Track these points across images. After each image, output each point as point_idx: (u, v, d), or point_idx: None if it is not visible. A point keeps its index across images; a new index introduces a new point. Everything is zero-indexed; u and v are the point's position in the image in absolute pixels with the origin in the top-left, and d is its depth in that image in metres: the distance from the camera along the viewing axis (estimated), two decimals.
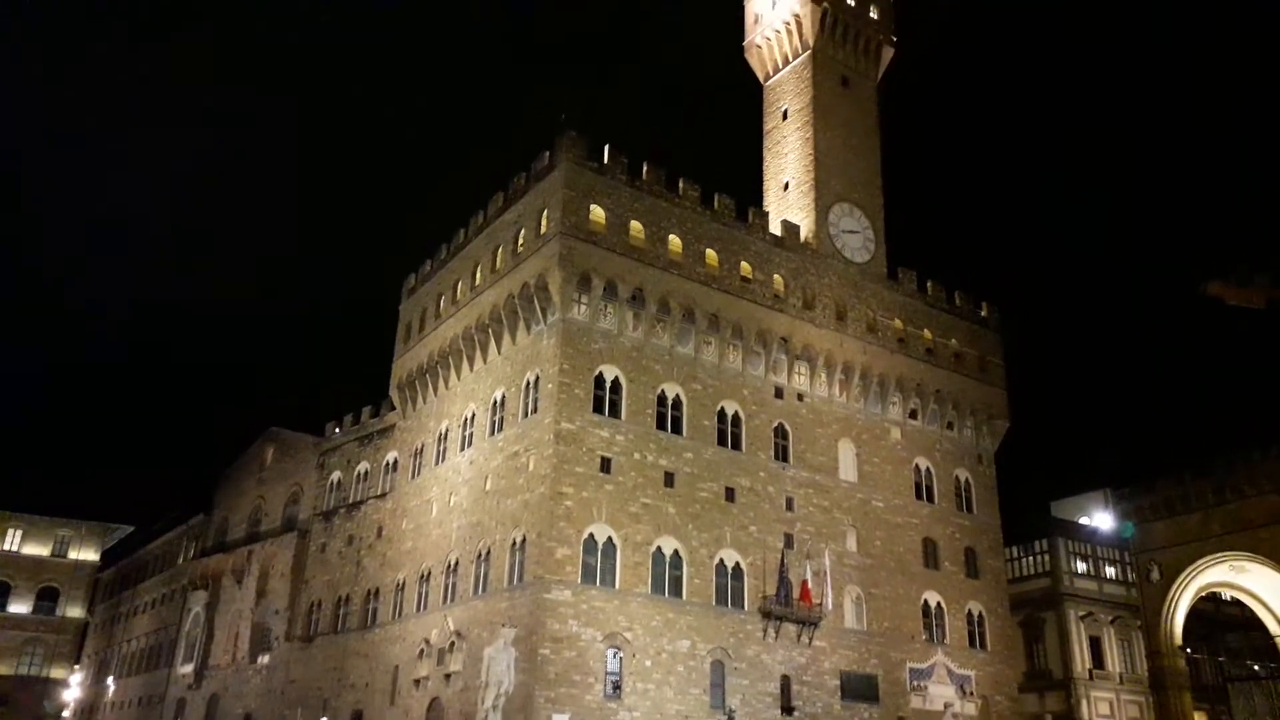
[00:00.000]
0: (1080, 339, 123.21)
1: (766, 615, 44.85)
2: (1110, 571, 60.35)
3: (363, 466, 59.37)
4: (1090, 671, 56.64)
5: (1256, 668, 56.19)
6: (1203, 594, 51.82)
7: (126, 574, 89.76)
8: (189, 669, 66.36)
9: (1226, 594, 54.01)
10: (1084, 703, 55.45)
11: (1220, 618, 57.97)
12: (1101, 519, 62.80)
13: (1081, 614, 57.77)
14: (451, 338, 51.85)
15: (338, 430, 62.39)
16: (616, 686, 40.35)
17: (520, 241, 47.50)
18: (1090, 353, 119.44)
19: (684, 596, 43.39)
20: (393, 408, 58.22)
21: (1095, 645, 57.70)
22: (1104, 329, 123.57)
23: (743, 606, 44.86)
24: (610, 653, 40.63)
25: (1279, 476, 45.27)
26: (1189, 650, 50.95)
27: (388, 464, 57.46)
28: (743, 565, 45.55)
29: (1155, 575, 50.48)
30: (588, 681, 39.50)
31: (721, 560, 45.12)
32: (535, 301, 45.17)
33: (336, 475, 60.88)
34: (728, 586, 44.92)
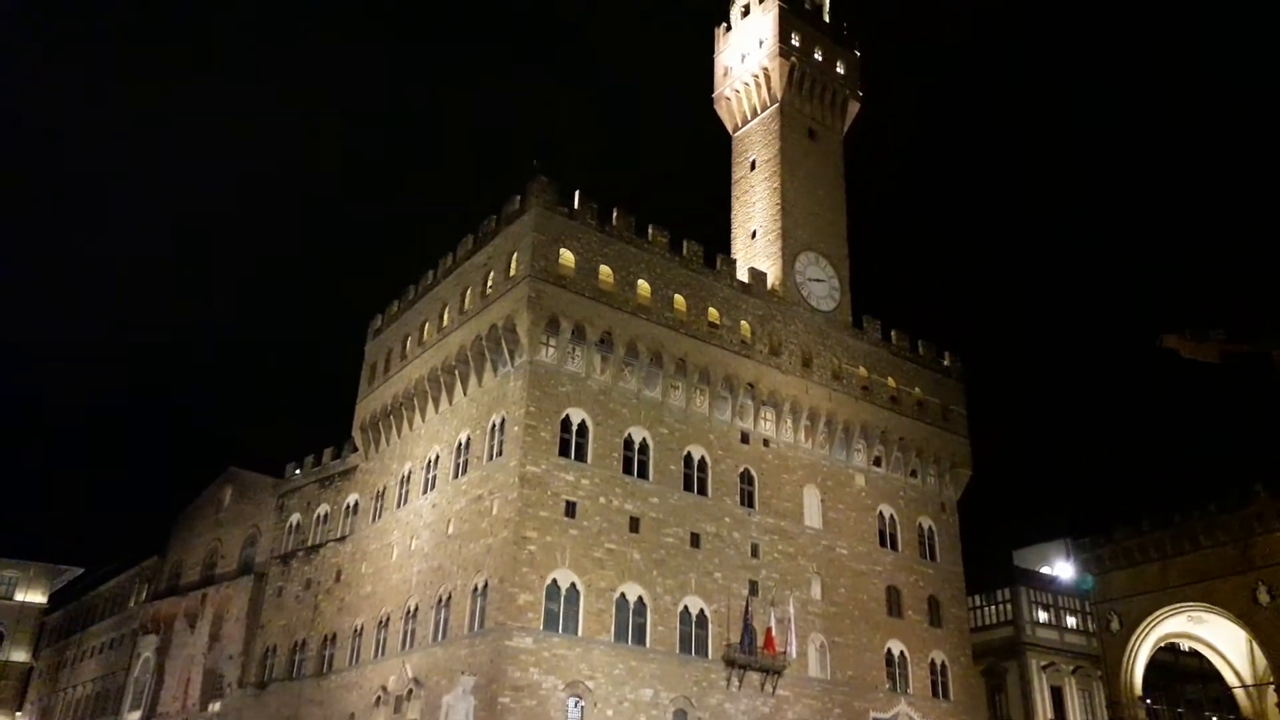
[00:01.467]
0: (1042, 390, 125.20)
1: (730, 663, 44.46)
2: (1071, 621, 60.68)
3: (323, 509, 58.44)
4: None
5: (1214, 719, 56.52)
6: (1162, 644, 52.24)
7: (74, 617, 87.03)
8: (136, 716, 64.26)
9: (1185, 644, 54.47)
10: None
11: (1179, 668, 58.38)
12: (1062, 568, 63.32)
13: (1043, 663, 57.93)
14: (417, 379, 51.52)
15: (298, 471, 61.47)
16: None
17: (489, 284, 47.54)
18: (1052, 404, 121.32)
19: (647, 644, 42.95)
20: (355, 449, 57.52)
21: (1057, 695, 57.80)
22: (1066, 381, 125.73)
23: (706, 654, 44.46)
24: (571, 702, 39.99)
25: (1234, 529, 45.99)
26: (1148, 701, 51.20)
27: (348, 506, 56.61)
28: (707, 612, 45.23)
29: (1115, 625, 50.85)
30: None
31: (686, 607, 44.78)
32: (503, 344, 45.11)
33: (296, 517, 59.83)
34: (691, 634, 44.54)
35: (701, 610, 45.13)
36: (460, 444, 47.49)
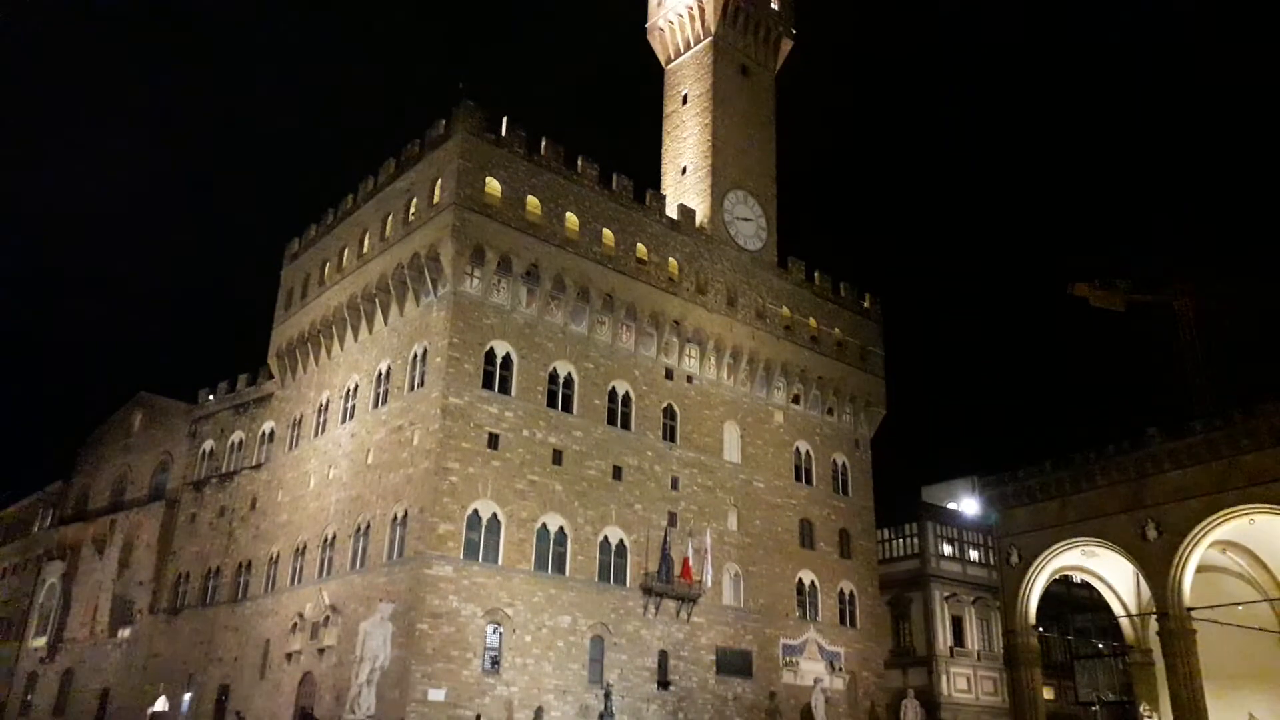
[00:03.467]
0: (957, 334, 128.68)
1: (648, 591, 45.51)
2: (974, 554, 63.46)
3: (237, 436, 57.30)
4: (951, 649, 59.56)
5: (1100, 646, 60.20)
6: (1056, 576, 55.06)
7: None
8: (42, 642, 62.97)
9: (1078, 577, 57.53)
10: (944, 678, 58.34)
11: (1071, 599, 61.77)
12: (968, 504, 66.09)
13: (946, 594, 60.62)
14: (335, 306, 50.42)
15: (211, 398, 60.00)
16: (495, 661, 40.32)
17: (412, 210, 46.47)
18: (965, 347, 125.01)
19: (567, 573, 43.61)
20: (271, 376, 56.31)
21: (957, 624, 60.68)
22: (979, 326, 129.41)
23: (625, 583, 45.39)
24: (490, 628, 40.53)
25: (1129, 470, 48.37)
26: (1041, 629, 54.10)
27: (264, 434, 55.62)
28: (627, 542, 46.05)
29: (1015, 558, 53.36)
30: (466, 657, 39.33)
31: (606, 537, 45.51)
32: (426, 273, 44.32)
33: (209, 444, 58.59)
34: (611, 563, 45.36)
35: (621, 540, 45.91)
36: (380, 373, 46.84)
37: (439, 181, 44.93)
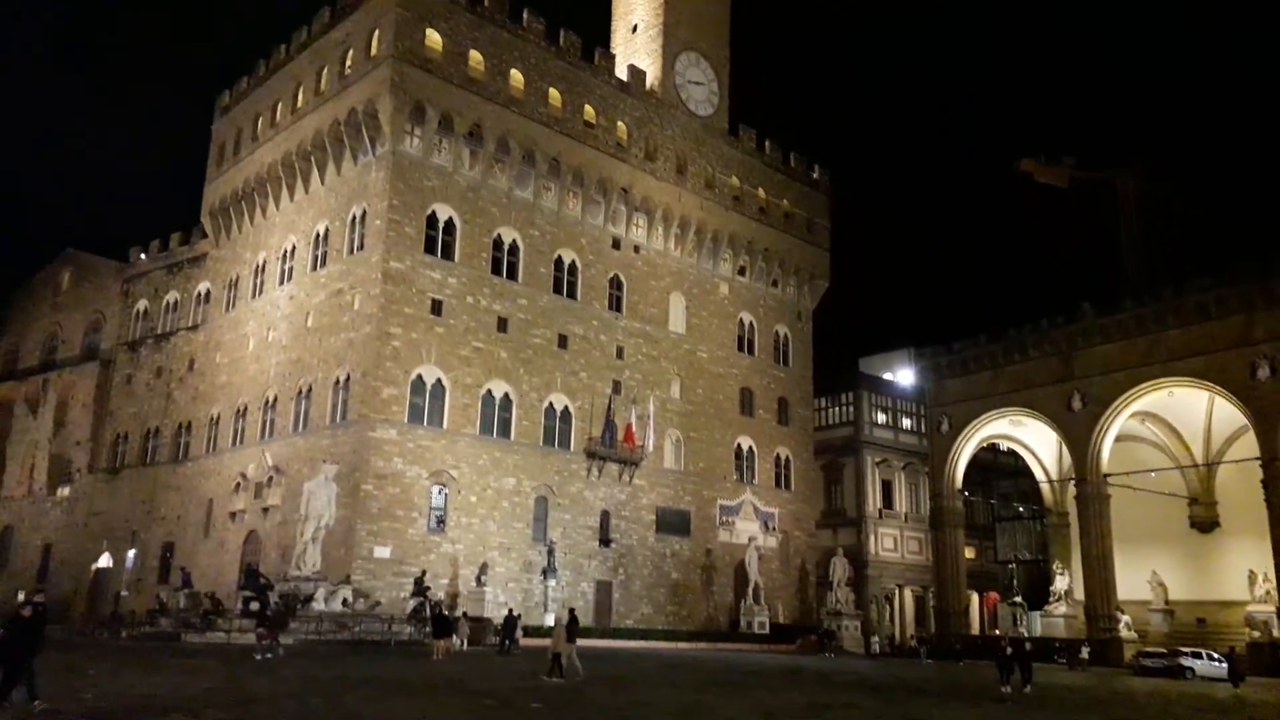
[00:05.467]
0: (900, 206, 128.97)
1: (591, 456, 46.46)
2: (906, 423, 65.65)
3: (172, 296, 55.89)
4: (880, 511, 62.36)
5: (1021, 509, 63.53)
6: (984, 444, 57.47)
7: None
8: None
9: (1004, 445, 60.08)
10: (872, 538, 61.28)
11: (996, 465, 64.66)
12: (904, 375, 67.88)
13: (877, 460, 62.98)
14: (270, 163, 48.52)
15: (144, 256, 58.10)
16: (441, 521, 41.18)
17: (348, 63, 44.29)
18: (908, 220, 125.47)
19: (512, 437, 44.19)
20: (205, 235, 54.55)
21: (887, 488, 63.33)
22: (923, 198, 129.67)
23: (569, 447, 46.20)
24: (435, 489, 41.20)
25: (1060, 343, 49.94)
26: (966, 494, 56.81)
27: (200, 295, 54.31)
28: (571, 409, 46.61)
29: (945, 427, 55.40)
30: (411, 516, 40.08)
31: (551, 404, 45.98)
32: (363, 130, 42.67)
33: (143, 304, 57.11)
34: (555, 429, 46.02)
35: (566, 407, 46.45)
36: (318, 235, 45.63)
37: (376, 33, 42.69)
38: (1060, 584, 53.05)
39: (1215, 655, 36.83)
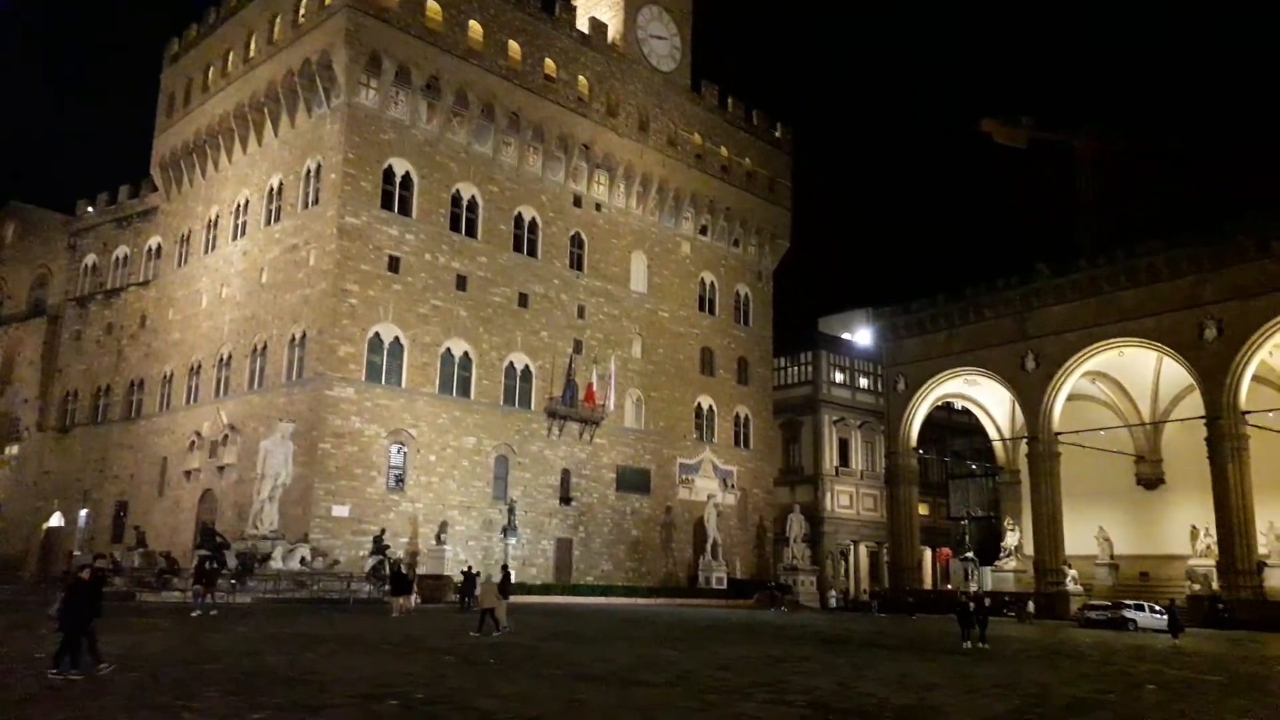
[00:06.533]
0: (861, 165, 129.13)
1: (552, 415, 46.45)
2: (864, 382, 66.42)
3: (121, 250, 54.54)
4: (836, 469, 63.24)
5: (974, 467, 64.78)
6: (938, 403, 58.34)
7: None
8: None
9: (959, 404, 61.05)
10: (828, 495, 62.21)
11: (951, 424, 65.77)
12: (863, 335, 68.48)
13: (835, 419, 63.74)
14: (221, 115, 47.28)
15: (91, 209, 56.52)
16: (400, 479, 41.04)
17: (301, 11, 43.11)
18: (869, 179, 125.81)
19: (472, 396, 44.01)
20: (155, 188, 53.17)
21: (843, 446, 64.19)
22: (884, 158, 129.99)
23: (529, 406, 46.14)
24: (394, 448, 40.99)
25: (1015, 303, 50.61)
26: (921, 451, 57.74)
27: (150, 250, 53.08)
28: (532, 368, 46.48)
29: (901, 386, 56.10)
30: (370, 475, 39.88)
31: (511, 363, 45.80)
32: (318, 81, 41.67)
33: (91, 258, 55.68)
34: (516, 388, 45.89)
35: (526, 366, 46.31)
36: (272, 189, 44.69)
37: None
38: (1010, 540, 54.34)
39: (1157, 608, 38.02)
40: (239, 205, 46.73)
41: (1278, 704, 15.05)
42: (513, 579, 35.17)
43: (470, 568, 35.43)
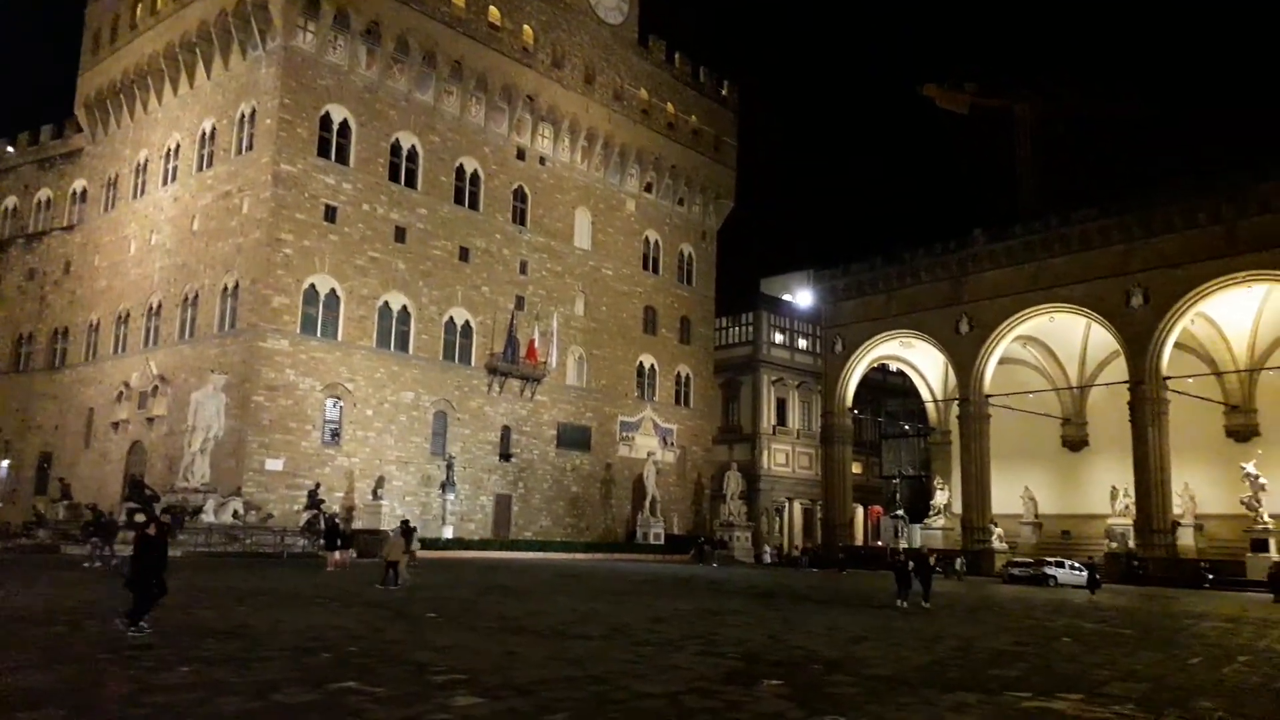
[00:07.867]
0: (803, 128, 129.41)
1: (493, 371, 46.18)
2: (803, 343, 67.16)
3: (44, 194, 52.43)
4: (774, 427, 64.10)
5: (907, 427, 66.21)
6: (874, 365, 59.32)
7: None
8: None
9: (894, 365, 62.14)
10: (765, 453, 63.09)
11: (886, 385, 66.95)
12: (804, 296, 69.11)
13: (774, 379, 64.46)
14: (150, 54, 45.43)
15: (10, 149, 54.11)
16: (335, 434, 40.53)
17: None
18: (812, 142, 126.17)
19: (410, 351, 43.50)
20: (80, 129, 51.05)
21: (781, 406, 65.02)
22: (827, 121, 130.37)
23: (470, 362, 45.80)
24: (330, 402, 40.42)
25: (951, 268, 51.49)
26: (856, 412, 58.78)
27: (74, 193, 51.11)
28: (472, 324, 46.05)
29: (839, 347, 56.89)
30: (305, 429, 39.31)
31: (451, 318, 45.31)
32: (252, 22, 40.23)
33: (11, 201, 53.46)
34: (456, 344, 45.47)
35: (467, 321, 45.86)
36: (204, 133, 43.23)
37: None
38: (940, 498, 55.84)
39: (1076, 565, 39.52)
40: (169, 149, 45.16)
41: (1185, 655, 15.81)
42: (418, 532, 35.17)
43: (407, 521, 35.13)
